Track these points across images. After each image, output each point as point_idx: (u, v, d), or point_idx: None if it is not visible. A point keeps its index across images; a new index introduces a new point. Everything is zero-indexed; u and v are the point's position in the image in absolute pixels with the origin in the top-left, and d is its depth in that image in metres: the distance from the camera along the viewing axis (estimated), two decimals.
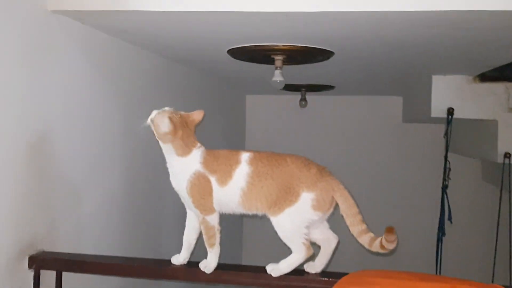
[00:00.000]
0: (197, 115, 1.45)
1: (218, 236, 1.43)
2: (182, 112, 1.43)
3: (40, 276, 1.53)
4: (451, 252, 3.27)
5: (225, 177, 1.41)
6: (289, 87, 3.44)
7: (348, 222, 1.41)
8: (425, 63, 2.58)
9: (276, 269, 1.41)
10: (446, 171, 2.98)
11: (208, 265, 1.43)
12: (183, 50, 2.33)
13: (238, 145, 4.13)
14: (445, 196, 2.96)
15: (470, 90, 2.83)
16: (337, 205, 1.44)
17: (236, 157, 1.43)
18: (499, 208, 3.04)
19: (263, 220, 1.48)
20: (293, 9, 1.50)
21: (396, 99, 4.21)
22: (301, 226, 1.40)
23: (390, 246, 1.36)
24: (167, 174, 1.46)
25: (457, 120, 2.94)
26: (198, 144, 1.44)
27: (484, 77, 2.79)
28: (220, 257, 1.45)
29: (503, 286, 1.23)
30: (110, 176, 2.07)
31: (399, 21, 1.66)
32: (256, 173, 1.41)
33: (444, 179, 2.98)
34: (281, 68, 2.25)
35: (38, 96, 1.58)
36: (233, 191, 1.41)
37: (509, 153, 2.82)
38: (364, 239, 1.38)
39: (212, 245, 1.43)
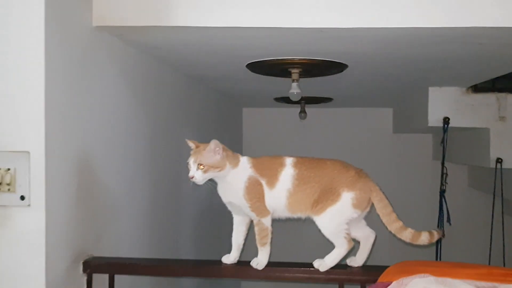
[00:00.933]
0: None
1: (270, 236, 1.54)
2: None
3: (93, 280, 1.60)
4: (449, 255, 3.43)
5: (272, 179, 1.53)
6: (288, 100, 3.56)
7: (384, 220, 1.54)
8: (424, 76, 2.77)
9: (323, 264, 1.53)
10: (443, 176, 3.17)
11: (260, 262, 1.53)
12: (204, 65, 2.44)
13: None
14: (443, 199, 3.14)
15: (464, 100, 3.04)
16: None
17: (280, 161, 1.56)
18: (493, 212, 3.22)
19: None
20: (329, 26, 1.64)
21: (386, 110, 4.43)
22: (342, 223, 1.52)
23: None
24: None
25: (448, 129, 3.12)
26: (238, 154, 1.55)
27: (477, 89, 3.02)
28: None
29: None
30: (141, 191, 2.16)
31: (411, 38, 1.82)
32: (300, 176, 1.53)
33: (441, 184, 3.17)
34: (297, 80, 2.39)
35: (83, 114, 1.63)
36: (280, 193, 1.53)
37: (500, 159, 3.03)
38: (406, 235, 1.52)
39: (264, 244, 1.53)
